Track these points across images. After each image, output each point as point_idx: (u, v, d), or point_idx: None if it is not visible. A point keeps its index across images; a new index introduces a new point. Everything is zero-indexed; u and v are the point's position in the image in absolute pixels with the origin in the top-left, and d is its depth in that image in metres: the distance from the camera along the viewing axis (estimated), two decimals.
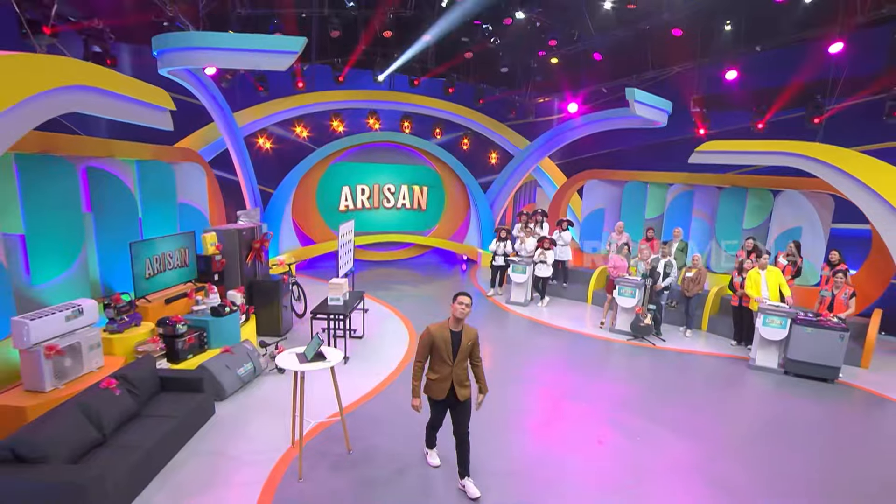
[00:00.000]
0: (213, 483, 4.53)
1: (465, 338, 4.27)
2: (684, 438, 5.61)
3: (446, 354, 4.22)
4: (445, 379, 4.28)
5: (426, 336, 4.24)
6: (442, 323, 4.30)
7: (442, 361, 4.25)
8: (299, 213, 13.77)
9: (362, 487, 4.53)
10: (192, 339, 6.27)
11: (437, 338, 4.22)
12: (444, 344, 4.22)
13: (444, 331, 4.23)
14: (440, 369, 4.28)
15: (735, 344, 8.74)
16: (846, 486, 4.91)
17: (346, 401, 6.12)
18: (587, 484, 4.71)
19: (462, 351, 4.25)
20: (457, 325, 4.25)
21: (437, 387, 4.32)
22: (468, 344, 4.27)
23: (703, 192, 11.47)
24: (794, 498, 4.66)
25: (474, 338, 4.32)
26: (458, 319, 4.21)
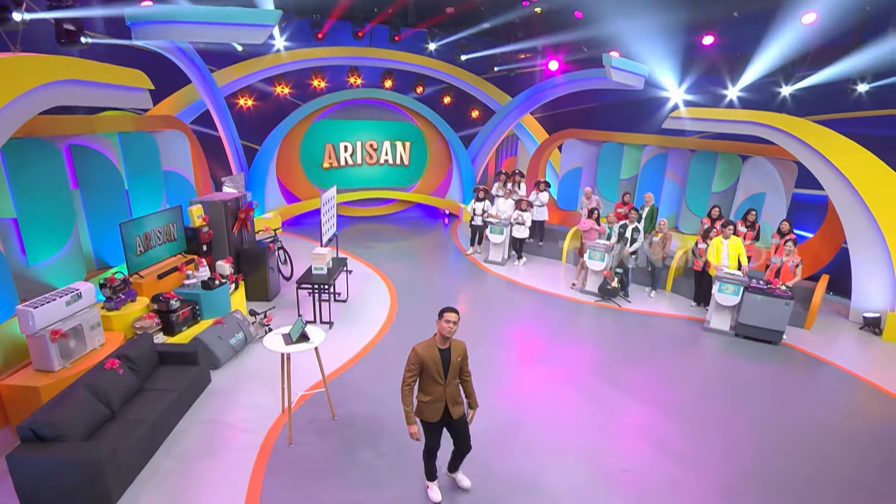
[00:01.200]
0: (214, 449, 5.06)
1: (454, 354, 4.07)
2: (636, 400, 6.24)
3: (437, 374, 4.02)
4: (439, 399, 4.08)
5: (413, 357, 4.00)
6: (428, 341, 4.07)
7: (433, 381, 4.05)
8: (283, 170, 13.85)
9: (346, 450, 5.09)
10: (185, 312, 6.65)
11: (425, 357, 4.00)
12: (434, 363, 4.01)
13: (432, 349, 4.02)
14: (432, 390, 4.07)
15: (694, 305, 9.35)
16: (778, 439, 5.59)
17: (330, 367, 6.63)
18: (538, 445, 5.31)
19: (453, 368, 4.07)
20: (444, 343, 4.05)
21: (430, 409, 4.11)
22: (458, 360, 4.09)
23: (676, 154, 11.77)
24: (729, 457, 5.33)
25: (463, 353, 4.14)
26: (444, 337, 4.02)
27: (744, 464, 5.21)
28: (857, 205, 8.45)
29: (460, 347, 4.14)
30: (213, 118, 11.76)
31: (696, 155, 11.35)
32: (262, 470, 4.80)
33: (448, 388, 4.09)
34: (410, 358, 4.01)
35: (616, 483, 4.84)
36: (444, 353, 4.05)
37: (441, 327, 4.00)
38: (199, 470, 4.77)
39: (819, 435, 5.78)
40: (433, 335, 4.09)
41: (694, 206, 11.50)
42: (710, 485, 4.89)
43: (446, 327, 3.96)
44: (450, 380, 4.08)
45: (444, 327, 3.97)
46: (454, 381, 4.14)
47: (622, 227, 9.62)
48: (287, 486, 4.62)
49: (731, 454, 5.35)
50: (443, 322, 3.98)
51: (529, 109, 14.52)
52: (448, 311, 4.00)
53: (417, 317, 8.41)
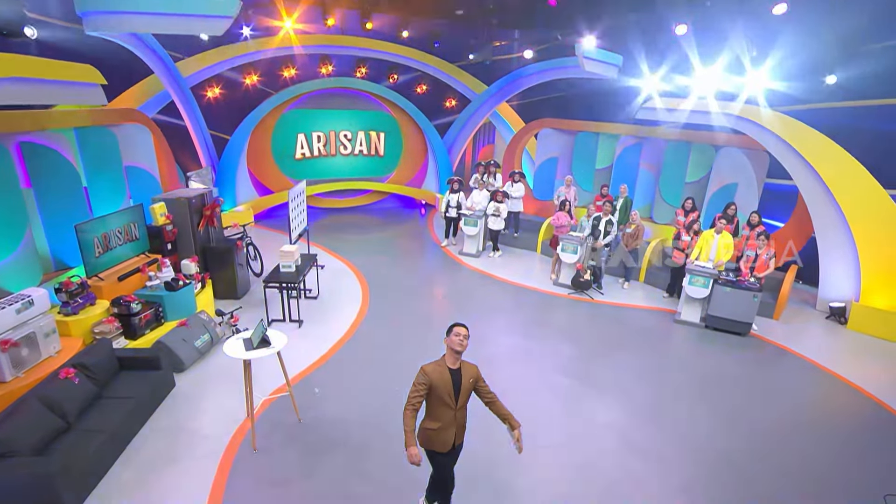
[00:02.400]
0: (175, 457, 5.00)
1: (465, 376, 3.75)
2: (605, 395, 6.31)
3: (448, 396, 3.68)
4: (449, 426, 3.75)
5: (421, 378, 3.64)
6: (438, 361, 3.74)
7: (443, 405, 3.70)
8: (255, 162, 13.60)
9: (312, 455, 5.07)
10: (147, 315, 6.52)
11: (434, 378, 3.65)
12: (444, 384, 3.66)
13: (443, 370, 3.69)
14: (442, 415, 3.72)
15: (667, 296, 9.46)
16: (745, 432, 5.70)
17: (298, 367, 6.59)
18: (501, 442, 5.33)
19: (464, 391, 3.74)
20: (455, 362, 3.72)
21: (440, 438, 3.76)
22: (469, 382, 3.76)
23: (650, 144, 11.82)
24: (695, 451, 5.42)
25: (476, 375, 3.81)
26: (456, 354, 3.70)
27: (710, 458, 5.31)
28: (825, 195, 8.59)
29: (472, 370, 3.81)
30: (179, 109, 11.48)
31: (670, 145, 11.42)
32: (224, 478, 4.76)
33: (459, 412, 3.77)
34: (418, 378, 3.66)
35: (579, 479, 4.90)
36: (455, 374, 3.73)
37: (451, 342, 3.69)
38: (159, 480, 4.71)
39: (786, 427, 5.92)
40: (442, 356, 3.77)
41: (668, 195, 11.59)
42: (674, 480, 4.98)
43: (457, 340, 3.66)
44: (461, 403, 3.75)
45: (455, 341, 3.66)
46: (465, 406, 3.82)
47: (595, 219, 9.65)
48: (249, 493, 4.59)
49: (698, 448, 5.45)
50: (453, 336, 3.68)
51: (505, 98, 14.45)
52: (457, 326, 3.73)
53: (388, 313, 8.38)
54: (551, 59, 13.04)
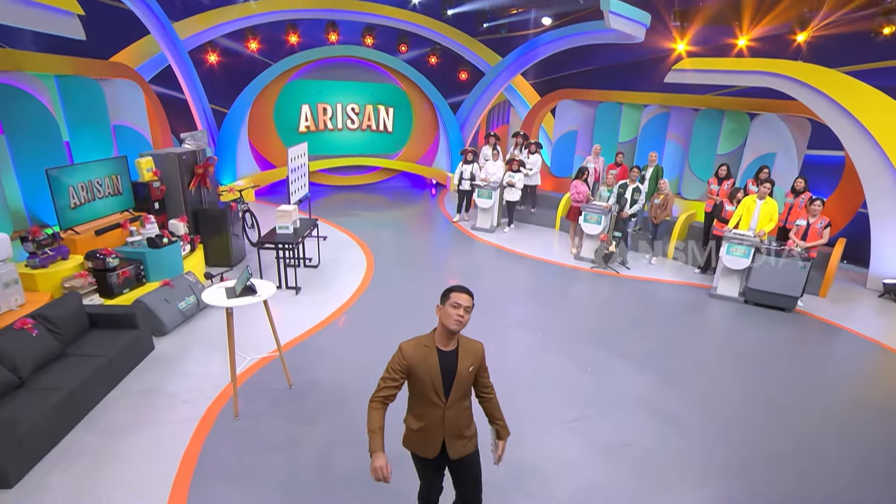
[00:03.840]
0: (146, 422, 4.41)
1: (462, 360, 2.68)
2: (634, 368, 5.64)
3: (434, 390, 2.65)
4: (434, 428, 2.73)
5: (397, 360, 2.64)
6: (424, 339, 2.68)
7: (426, 401, 2.69)
8: (256, 134, 13.05)
9: (301, 422, 4.46)
10: (126, 272, 5.95)
11: (415, 362, 2.62)
12: (430, 373, 2.63)
13: (428, 352, 2.64)
14: (425, 413, 2.72)
15: (698, 272, 8.74)
16: (793, 410, 5.01)
17: (294, 333, 6.02)
18: (532, 413, 4.70)
19: (459, 382, 2.68)
20: (448, 341, 2.66)
21: (422, 440, 2.77)
22: (468, 369, 2.69)
23: (678, 114, 11.09)
24: (740, 429, 4.73)
25: (478, 358, 2.75)
26: (450, 332, 2.63)
27: (756, 436, 4.62)
28: (882, 165, 7.83)
29: (474, 350, 2.73)
30: (176, 76, 10.93)
31: (700, 114, 10.67)
32: (200, 445, 4.16)
33: (449, 411, 2.70)
34: (392, 361, 2.64)
35: (616, 458, 4.23)
36: (447, 358, 2.66)
37: (445, 316, 2.60)
38: (125, 444, 4.12)
39: (838, 407, 5.20)
40: (432, 330, 2.71)
41: (698, 169, 10.84)
42: (722, 458, 4.29)
43: (453, 315, 2.57)
44: (453, 399, 2.69)
45: (450, 316, 2.57)
46: (461, 402, 2.74)
47: (621, 186, 8.96)
48: (227, 461, 3.98)
49: (742, 426, 4.76)
50: (448, 308, 2.59)
51: (521, 69, 13.75)
52: (457, 290, 2.62)
53: (395, 283, 7.76)
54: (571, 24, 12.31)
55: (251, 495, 3.66)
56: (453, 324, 2.57)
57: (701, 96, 10.60)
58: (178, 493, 3.65)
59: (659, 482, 4.00)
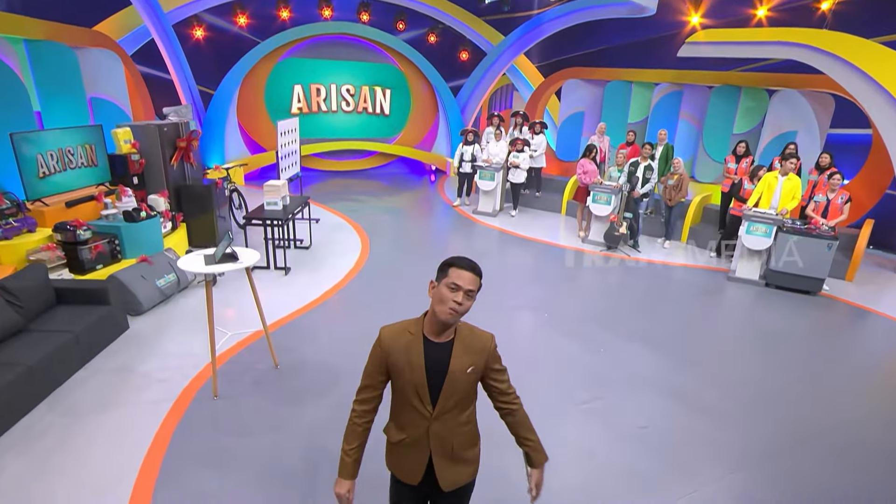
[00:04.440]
0: (116, 402, 4.15)
1: (459, 357, 2.03)
2: (649, 350, 5.38)
3: (416, 393, 2.04)
4: (417, 444, 2.11)
5: (376, 350, 2.09)
6: (408, 323, 2.09)
7: (407, 407, 2.08)
8: (246, 116, 12.77)
9: (286, 403, 4.19)
10: (100, 246, 5.67)
11: (395, 354, 2.04)
12: (411, 370, 2.02)
13: (413, 341, 2.03)
14: (406, 423, 2.11)
15: (715, 256, 8.47)
16: (821, 395, 4.75)
17: (282, 313, 5.76)
18: (540, 396, 4.43)
19: (453, 386, 2.04)
20: (439, 331, 2.03)
21: (401, 458, 2.17)
22: (466, 371, 2.04)
23: (692, 92, 10.80)
24: (757, 408, 4.47)
25: (484, 356, 2.08)
26: (442, 322, 1.99)
27: (782, 420, 4.35)
28: None
29: (478, 346, 2.07)
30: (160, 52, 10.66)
31: (715, 91, 10.39)
32: (173, 426, 3.89)
33: (437, 424, 2.06)
34: (372, 350, 2.09)
35: (633, 441, 3.97)
36: (437, 352, 2.03)
37: (438, 299, 1.97)
38: (91, 425, 3.86)
39: (871, 391, 4.94)
40: (423, 313, 2.09)
41: (713, 150, 10.56)
42: (746, 441, 4.03)
43: (448, 300, 1.94)
44: (444, 409, 2.05)
45: (445, 300, 1.94)
46: (456, 413, 2.09)
47: (633, 164, 8.69)
48: (203, 443, 3.72)
49: (767, 409, 4.50)
50: (443, 288, 1.95)
51: (525, 48, 13.47)
52: (459, 266, 1.98)
53: (392, 266, 7.50)
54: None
55: (226, 480, 3.39)
56: (446, 313, 1.93)
57: (716, 72, 10.32)
58: (145, 477, 3.38)
59: (680, 466, 3.73)
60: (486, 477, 2.54)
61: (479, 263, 2.05)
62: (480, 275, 2.01)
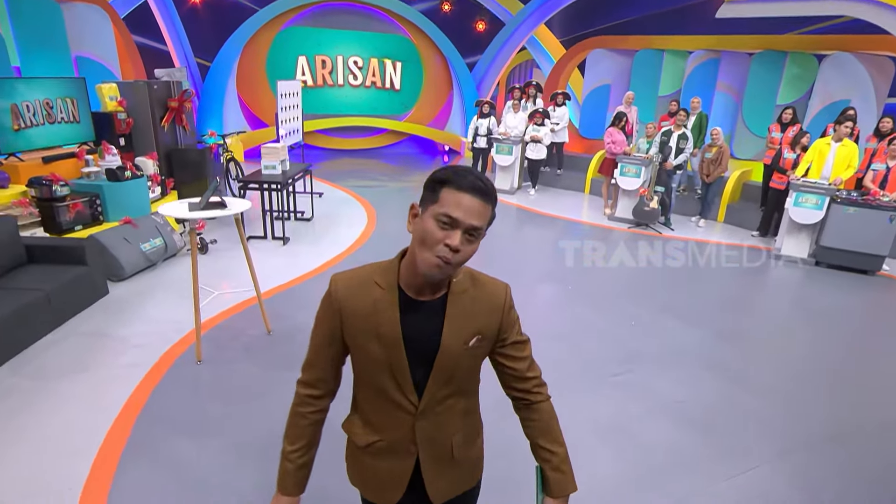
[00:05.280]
0: (87, 365, 3.90)
1: (457, 322, 1.40)
2: (685, 324, 5.05)
3: (391, 378, 1.43)
4: (397, 450, 1.52)
5: (326, 310, 1.47)
6: (371, 270, 1.46)
7: (381, 398, 1.47)
8: (246, 88, 12.57)
9: (277, 369, 3.92)
10: (79, 205, 5.44)
11: (355, 317, 1.41)
12: (383, 344, 1.39)
13: (383, 298, 1.39)
14: (382, 420, 1.50)
15: (756, 235, 8.07)
16: (872, 380, 4.38)
17: (279, 281, 5.52)
18: (564, 367, 4.12)
19: (448, 367, 1.42)
20: (425, 287, 1.39)
21: (373, 469, 1.57)
22: (468, 343, 1.42)
23: (730, 59, 10.39)
24: (806, 386, 4.12)
25: (498, 316, 1.46)
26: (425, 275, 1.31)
27: (835, 401, 4.00)
28: None
29: (488, 302, 1.45)
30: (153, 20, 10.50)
31: (756, 58, 9.97)
32: (150, 390, 3.62)
33: (425, 420, 1.47)
34: (319, 315, 1.50)
35: (671, 416, 3.64)
36: (423, 315, 1.40)
37: (422, 240, 1.29)
38: (59, 389, 3.61)
39: None
40: (398, 253, 1.45)
41: (753, 124, 10.15)
42: (797, 420, 3.69)
43: (437, 241, 1.26)
44: (435, 397, 1.45)
45: (433, 242, 1.26)
46: (453, 400, 1.50)
47: (665, 133, 8.32)
48: (180, 409, 3.46)
49: (821, 390, 4.14)
50: (429, 221, 1.27)
51: (546, 16, 13.13)
52: (454, 184, 1.27)
53: (399, 238, 7.20)
54: None
55: (204, 447, 3.11)
56: (431, 264, 1.27)
57: (758, 37, 9.89)
58: (112, 442, 3.12)
59: (725, 444, 3.40)
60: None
61: (496, 239, 1.70)
62: (493, 199, 1.31)
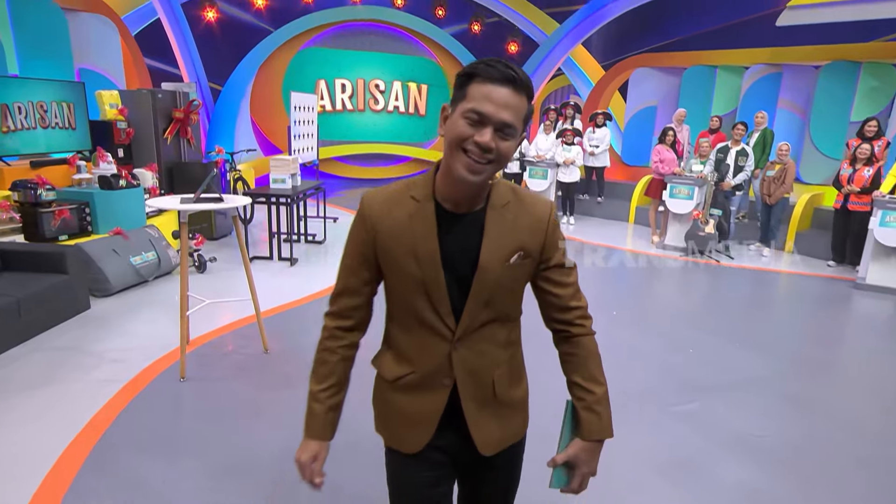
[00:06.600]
0: (52, 380, 3.67)
1: (495, 239, 1.36)
2: (755, 353, 4.63)
3: (426, 299, 1.38)
4: (432, 385, 1.45)
5: (359, 229, 1.42)
6: (406, 185, 1.40)
7: (415, 323, 1.42)
8: (260, 112, 12.72)
9: (271, 389, 3.64)
10: (65, 212, 5.34)
11: (392, 234, 1.37)
12: (419, 260, 1.35)
13: (419, 211, 1.35)
14: (415, 348, 1.45)
15: (834, 265, 7.60)
16: None
17: (282, 300, 5.31)
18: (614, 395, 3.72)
19: (487, 286, 1.37)
20: (463, 199, 1.34)
21: (403, 412, 1.49)
22: (510, 261, 1.37)
23: (793, 73, 10.12)
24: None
25: (541, 233, 1.41)
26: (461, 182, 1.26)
27: None
28: None
29: (530, 217, 1.40)
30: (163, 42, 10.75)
31: (825, 71, 9.68)
32: (121, 406, 3.35)
33: (463, 348, 1.41)
34: (351, 235, 1.45)
35: (748, 452, 3.21)
36: (460, 232, 1.36)
37: (451, 140, 1.23)
38: (16, 404, 3.38)
39: None
40: (433, 166, 1.38)
41: (824, 143, 9.76)
42: None
43: (466, 138, 1.21)
44: (471, 323, 1.39)
45: (459, 140, 1.22)
46: (495, 328, 1.44)
47: (721, 150, 8.01)
48: (154, 426, 3.18)
49: None
50: (458, 120, 1.22)
51: (584, 36, 13.17)
52: (483, 76, 1.21)
53: None
54: None
55: (172, 469, 2.82)
56: (463, 167, 1.23)
57: (826, 46, 9.61)
58: (68, 461, 2.83)
59: (822, 488, 2.94)
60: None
61: None
62: (527, 90, 1.24)
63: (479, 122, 1.21)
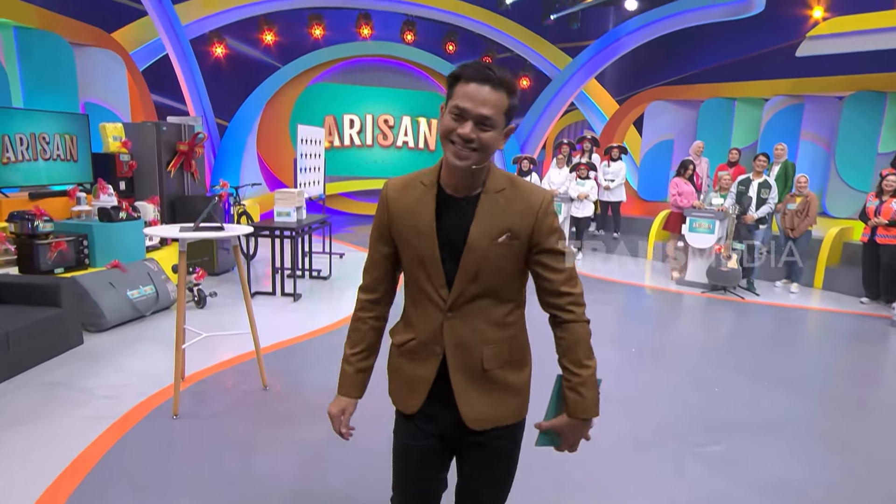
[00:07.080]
0: (38, 416, 3.61)
1: (484, 220, 1.58)
2: (785, 393, 4.49)
3: (424, 270, 1.63)
4: (426, 350, 1.68)
5: (380, 211, 1.71)
6: (420, 173, 1.70)
7: (419, 293, 1.67)
8: (267, 147, 12.92)
9: (265, 428, 3.55)
10: (62, 244, 5.35)
11: (400, 212, 1.65)
12: (419, 235, 1.62)
13: (424, 193, 1.63)
14: (418, 315, 1.69)
15: (868, 301, 7.45)
16: None
17: (283, 336, 5.26)
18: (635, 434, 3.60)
19: (475, 261, 1.58)
20: (462, 184, 1.60)
21: (403, 373, 1.75)
22: (496, 240, 1.57)
23: (816, 104, 10.13)
24: None
25: (532, 219, 1.58)
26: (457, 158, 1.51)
27: None
28: None
29: (523, 204, 1.59)
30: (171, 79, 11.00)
31: (849, 101, 9.67)
32: (109, 445, 3.28)
33: (455, 318, 1.63)
34: (375, 217, 1.73)
35: (781, 498, 3.07)
36: (457, 213, 1.60)
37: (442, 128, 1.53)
38: (2, 440, 3.30)
39: None
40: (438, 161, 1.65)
41: (850, 176, 9.68)
42: None
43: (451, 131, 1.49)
44: (464, 295, 1.61)
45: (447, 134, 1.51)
46: (488, 303, 1.64)
47: (742, 182, 7.97)
48: (144, 464, 3.10)
49: None
50: (446, 117, 1.52)
51: (597, 70, 13.33)
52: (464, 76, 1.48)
53: None
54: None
55: None
56: (450, 155, 1.50)
57: (849, 77, 9.63)
58: (50, 500, 2.75)
59: None
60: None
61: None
62: (506, 86, 1.50)
63: (461, 117, 1.49)
